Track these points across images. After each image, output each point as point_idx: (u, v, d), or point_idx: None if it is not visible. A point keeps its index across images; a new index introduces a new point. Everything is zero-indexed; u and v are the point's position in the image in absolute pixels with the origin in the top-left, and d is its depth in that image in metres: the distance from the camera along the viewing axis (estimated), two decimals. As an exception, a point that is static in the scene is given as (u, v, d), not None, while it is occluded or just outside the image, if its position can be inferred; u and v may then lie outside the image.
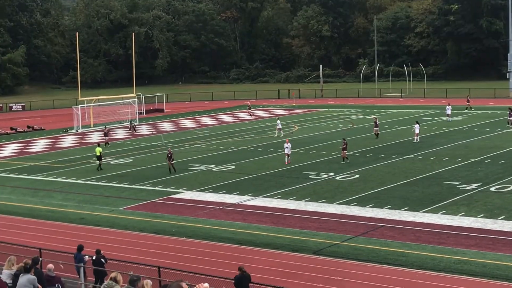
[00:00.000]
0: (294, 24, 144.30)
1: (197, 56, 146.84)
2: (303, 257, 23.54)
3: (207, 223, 28.65)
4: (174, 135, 60.04)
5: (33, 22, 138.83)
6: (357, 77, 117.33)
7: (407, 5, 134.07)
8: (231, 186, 35.77)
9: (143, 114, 78.52)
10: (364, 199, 31.60)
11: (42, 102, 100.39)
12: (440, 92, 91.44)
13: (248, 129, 62.16)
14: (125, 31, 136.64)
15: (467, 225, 26.45)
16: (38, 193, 36.59)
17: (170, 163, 39.76)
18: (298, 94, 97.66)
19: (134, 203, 33.08)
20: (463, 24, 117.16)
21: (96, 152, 42.62)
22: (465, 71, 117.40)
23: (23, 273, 16.12)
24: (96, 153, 42.61)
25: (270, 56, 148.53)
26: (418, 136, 48.73)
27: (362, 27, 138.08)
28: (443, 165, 39.33)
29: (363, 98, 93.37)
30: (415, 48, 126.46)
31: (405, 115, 67.82)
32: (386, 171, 38.26)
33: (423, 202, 30.40)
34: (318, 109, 79.50)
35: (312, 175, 37.95)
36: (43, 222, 30.11)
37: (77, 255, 20.92)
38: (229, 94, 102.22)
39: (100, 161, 42.42)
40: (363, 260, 22.92)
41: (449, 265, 22.00)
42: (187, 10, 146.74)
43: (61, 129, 67.47)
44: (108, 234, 27.49)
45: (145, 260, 22.53)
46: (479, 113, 67.01)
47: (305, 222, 28.02)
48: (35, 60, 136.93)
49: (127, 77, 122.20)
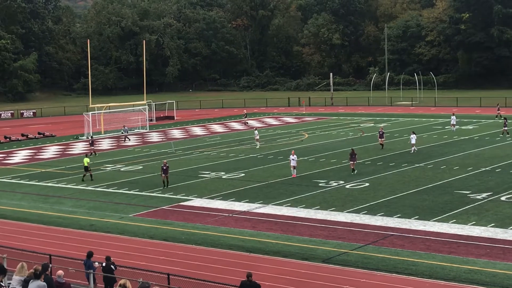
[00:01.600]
0: (305, 32, 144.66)
1: (208, 63, 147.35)
2: (313, 266, 23.45)
3: (216, 230, 28.63)
4: (184, 142, 60.13)
5: (45, 29, 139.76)
6: (367, 85, 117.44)
7: (418, 14, 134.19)
8: (240, 194, 35.79)
9: (153, 121, 78.83)
10: (374, 207, 31.53)
11: (53, 109, 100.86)
12: (450, 100, 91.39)
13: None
14: (136, 38, 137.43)
15: (477, 235, 26.31)
16: (48, 200, 36.68)
17: (165, 176, 37.93)
18: (308, 102, 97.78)
19: (144, 210, 33.13)
20: (474, 32, 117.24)
21: (84, 162, 41.65)
22: (476, 80, 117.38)
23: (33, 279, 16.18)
24: (84, 163, 41.59)
25: (280, 64, 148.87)
26: (415, 146, 48.17)
27: (372, 35, 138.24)
28: (453, 174, 39.29)
29: (373, 106, 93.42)
30: (426, 56, 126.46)
31: (416, 124, 67.78)
32: (396, 180, 38.23)
33: (434, 211, 30.33)
34: (328, 117, 79.58)
35: (321, 183, 37.95)
36: (53, 228, 30.16)
37: (87, 262, 20.84)
38: (239, 102, 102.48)
39: (87, 172, 41.38)
40: (373, 269, 22.81)
41: (459, 275, 21.88)
42: (198, 18, 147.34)
43: (72, 136, 67.79)
44: (117, 241, 27.50)
45: (155, 267, 22.48)
46: (489, 122, 66.89)
47: (314, 230, 27.97)
48: (47, 67, 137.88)
49: (137, 84, 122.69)
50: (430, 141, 54.71)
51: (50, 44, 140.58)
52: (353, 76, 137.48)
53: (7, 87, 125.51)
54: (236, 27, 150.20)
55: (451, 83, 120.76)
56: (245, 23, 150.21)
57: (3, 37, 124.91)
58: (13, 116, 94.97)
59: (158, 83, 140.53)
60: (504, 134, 55.55)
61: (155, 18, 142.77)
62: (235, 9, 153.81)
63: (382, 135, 50.78)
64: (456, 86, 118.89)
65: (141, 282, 15.24)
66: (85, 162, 41.68)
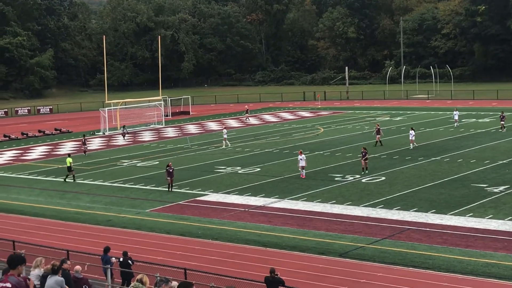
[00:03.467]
0: (320, 26, 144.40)
1: (223, 58, 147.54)
2: (329, 260, 23.54)
3: (232, 225, 28.80)
4: (200, 137, 60.38)
5: (61, 26, 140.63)
6: (383, 79, 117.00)
7: (434, 6, 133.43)
8: (256, 188, 35.90)
9: (169, 117, 79.07)
10: (390, 201, 31.53)
11: (70, 105, 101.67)
12: (467, 93, 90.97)
13: (274, 131, 62.32)
14: (151, 34, 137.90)
15: (494, 228, 26.29)
16: (65, 195, 36.97)
17: (171, 179, 36.34)
18: (323, 96, 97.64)
19: (160, 205, 33.30)
20: (490, 25, 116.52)
21: (67, 162, 41.03)
22: (493, 73, 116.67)
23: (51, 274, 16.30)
24: (67, 163, 40.94)
25: (296, 58, 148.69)
26: (415, 142, 47.63)
27: (388, 28, 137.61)
28: (470, 167, 39.15)
29: (389, 100, 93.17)
30: (442, 49, 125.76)
31: (432, 117, 67.58)
32: (412, 174, 38.16)
33: (450, 205, 30.29)
34: (343, 111, 79.49)
35: (337, 177, 38.00)
36: (70, 224, 30.45)
37: (104, 257, 21.03)
38: (255, 97, 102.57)
39: (70, 172, 40.69)
40: (390, 263, 22.87)
41: (476, 268, 21.90)
42: (213, 13, 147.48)
43: (88, 132, 68.05)
44: (134, 236, 27.70)
45: (171, 262, 22.57)
46: (506, 115, 66.19)
47: (331, 225, 28.06)
48: (63, 63, 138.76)
49: (153, 79, 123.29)
50: (447, 134, 54.45)
51: (66, 41, 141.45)
52: (368, 69, 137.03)
53: (23, 84, 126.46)
54: (251, 22, 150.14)
55: (467, 76, 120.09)
56: (260, 17, 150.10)
57: (19, 34, 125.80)
58: (30, 113, 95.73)
59: (174, 78, 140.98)
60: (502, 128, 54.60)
61: (170, 14, 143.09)
62: (250, 3, 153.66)
63: (378, 131, 49.64)
64: (473, 79, 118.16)
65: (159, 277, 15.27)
66: (68, 162, 40.87)
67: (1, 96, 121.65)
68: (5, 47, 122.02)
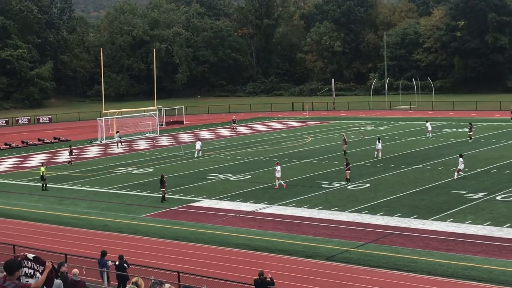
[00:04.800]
0: (308, 40, 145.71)
1: (215, 70, 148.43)
2: (316, 263, 23.82)
3: (224, 230, 29.04)
4: (193, 146, 60.16)
5: (60, 39, 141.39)
6: (367, 91, 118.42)
7: (416, 22, 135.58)
8: (247, 195, 36.29)
9: (163, 126, 79.62)
10: (375, 207, 31.97)
11: (68, 115, 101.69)
12: (447, 104, 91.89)
13: (264, 140, 62.75)
14: (146, 47, 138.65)
15: (474, 233, 26.69)
16: (64, 201, 37.20)
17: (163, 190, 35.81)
18: (311, 106, 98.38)
19: (155, 210, 33.58)
20: (470, 39, 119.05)
21: (40, 171, 41.07)
22: (472, 85, 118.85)
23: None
24: (40, 172, 40.96)
25: (285, 71, 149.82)
26: (380, 151, 47.91)
27: (372, 42, 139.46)
28: (450, 174, 39.51)
29: (373, 110, 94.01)
30: (424, 62, 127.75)
31: (414, 127, 68.14)
32: (396, 181, 38.69)
33: (432, 210, 30.76)
34: (330, 121, 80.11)
35: (324, 184, 38.45)
36: (68, 229, 30.60)
37: (101, 261, 21.27)
38: (246, 107, 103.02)
39: (43, 181, 40.57)
40: (374, 266, 23.22)
41: (457, 271, 22.26)
42: (206, 27, 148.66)
43: (86, 140, 68.36)
44: (130, 240, 27.89)
45: (165, 265, 22.76)
46: (485, 125, 67.26)
47: (318, 229, 28.37)
48: (62, 74, 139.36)
49: (148, 90, 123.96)
50: (428, 143, 55.06)
51: (65, 53, 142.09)
52: (354, 81, 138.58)
53: (24, 94, 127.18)
54: (242, 36, 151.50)
55: (447, 88, 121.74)
56: (251, 31, 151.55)
57: (20, 46, 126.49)
58: (30, 122, 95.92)
59: (168, 89, 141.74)
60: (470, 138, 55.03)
61: (165, 28, 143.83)
62: (241, 18, 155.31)
63: (345, 141, 50.71)
64: (453, 90, 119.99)
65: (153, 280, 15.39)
66: (41, 171, 40.96)
67: (3, 106, 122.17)
68: (6, 59, 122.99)
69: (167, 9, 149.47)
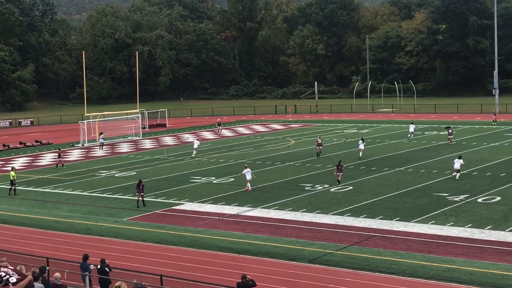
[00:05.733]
0: (291, 43, 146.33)
1: (198, 73, 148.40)
2: (299, 266, 23.85)
3: (207, 233, 28.94)
4: (176, 149, 60.61)
5: (42, 42, 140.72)
6: (350, 94, 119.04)
7: (398, 25, 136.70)
8: (230, 198, 36.25)
9: (146, 129, 79.47)
10: (357, 210, 32.09)
11: (50, 118, 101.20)
12: (429, 107, 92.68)
13: (247, 143, 62.80)
14: (129, 49, 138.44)
15: (455, 235, 26.88)
16: (46, 205, 36.88)
17: (140, 195, 35.22)
18: (294, 109, 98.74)
19: (138, 214, 33.42)
20: (451, 43, 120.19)
21: (10, 176, 40.57)
22: (453, 88, 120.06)
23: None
24: (10, 176, 40.47)
25: (268, 74, 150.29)
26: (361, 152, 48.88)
27: (355, 46, 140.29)
28: (432, 177, 39.98)
29: (356, 113, 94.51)
30: (406, 66, 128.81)
31: (396, 130, 68.66)
32: (378, 183, 38.85)
33: (414, 213, 30.94)
34: (313, 124, 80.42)
35: (307, 187, 38.49)
36: (50, 232, 30.34)
37: (83, 264, 20.99)
38: (229, 110, 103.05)
39: (12, 185, 40.22)
40: (357, 268, 23.28)
41: (438, 273, 22.37)
42: (189, 30, 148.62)
43: (68, 143, 67.96)
44: (112, 244, 27.71)
45: (148, 269, 22.64)
46: (466, 128, 67.76)
47: (301, 232, 28.39)
48: (43, 77, 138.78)
49: (131, 93, 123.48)
50: (410, 146, 55.43)
51: (46, 56, 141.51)
52: (336, 84, 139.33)
53: (5, 97, 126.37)
54: (225, 39, 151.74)
55: (429, 91, 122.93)
56: (234, 34, 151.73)
57: (1, 49, 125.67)
58: (11, 125, 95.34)
59: (151, 92, 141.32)
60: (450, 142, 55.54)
61: (148, 30, 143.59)
62: (224, 21, 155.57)
63: (320, 144, 51.34)
64: (434, 93, 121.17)
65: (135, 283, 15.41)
66: (11, 175, 40.44)
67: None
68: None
69: (150, 11, 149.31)
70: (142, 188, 35.24)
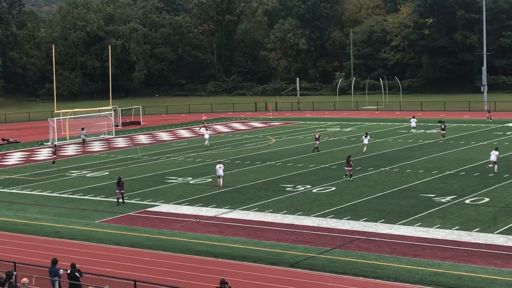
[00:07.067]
0: (271, 37, 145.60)
1: (174, 68, 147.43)
2: (280, 270, 23.60)
3: (183, 236, 28.67)
4: (151, 147, 60.06)
5: (9, 34, 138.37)
6: (333, 90, 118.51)
7: (383, 19, 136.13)
8: (208, 199, 35.93)
9: (119, 127, 78.52)
10: (340, 211, 31.89)
11: (18, 115, 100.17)
12: (415, 105, 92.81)
13: (226, 141, 62.42)
14: (101, 43, 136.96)
15: (442, 237, 26.74)
16: (12, 206, 36.37)
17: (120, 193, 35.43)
18: (275, 106, 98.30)
19: (110, 216, 33.04)
20: (438, 37, 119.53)
21: None
22: (440, 84, 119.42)
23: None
24: None
25: (247, 69, 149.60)
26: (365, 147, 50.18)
27: (338, 40, 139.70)
28: (418, 177, 39.86)
29: (339, 110, 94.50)
30: (391, 61, 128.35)
31: (381, 128, 68.67)
32: (362, 184, 38.63)
33: (399, 215, 30.77)
34: (295, 122, 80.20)
35: (289, 187, 38.22)
36: (18, 235, 29.91)
37: (52, 269, 20.76)
38: (207, 107, 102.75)
39: None
40: (340, 272, 23.01)
41: (424, 277, 22.14)
42: (164, 23, 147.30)
43: (37, 142, 67.17)
44: (83, 248, 27.39)
45: (121, 273, 22.48)
46: (454, 126, 67.88)
47: (281, 235, 28.17)
48: (11, 72, 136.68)
49: (103, 89, 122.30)
50: (395, 145, 55.35)
51: (14, 49, 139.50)
52: (319, 81, 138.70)
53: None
54: (203, 32, 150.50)
55: (415, 88, 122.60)
56: (212, 28, 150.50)
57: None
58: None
59: (124, 88, 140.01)
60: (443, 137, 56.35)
61: (121, 23, 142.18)
62: (202, 14, 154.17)
63: (317, 138, 52.63)
64: (421, 90, 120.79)
65: None
66: None
67: None
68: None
69: (123, 3, 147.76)
70: (122, 186, 35.39)
